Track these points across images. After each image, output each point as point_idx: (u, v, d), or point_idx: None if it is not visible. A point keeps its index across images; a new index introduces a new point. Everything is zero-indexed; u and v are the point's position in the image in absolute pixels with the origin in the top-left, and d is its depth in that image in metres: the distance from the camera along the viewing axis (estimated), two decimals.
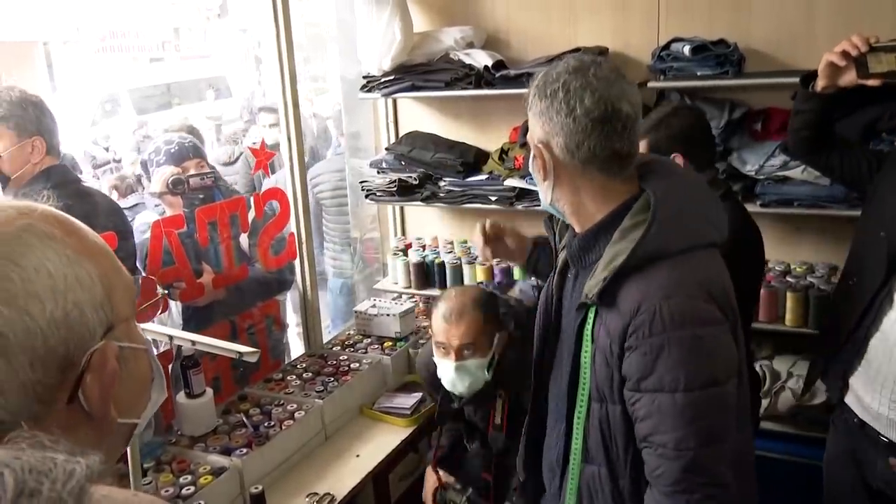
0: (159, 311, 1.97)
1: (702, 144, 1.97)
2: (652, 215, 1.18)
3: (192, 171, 2.34)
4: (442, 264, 2.94)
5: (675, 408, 1.16)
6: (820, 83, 1.76)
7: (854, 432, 1.82)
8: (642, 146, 1.98)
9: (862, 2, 2.32)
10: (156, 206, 2.41)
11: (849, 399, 1.84)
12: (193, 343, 1.35)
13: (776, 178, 2.37)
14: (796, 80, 1.88)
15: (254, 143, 2.48)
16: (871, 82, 1.67)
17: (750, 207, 2.34)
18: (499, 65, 2.66)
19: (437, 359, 1.86)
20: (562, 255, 1.41)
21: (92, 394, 0.62)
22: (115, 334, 0.65)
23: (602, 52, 2.59)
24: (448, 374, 1.83)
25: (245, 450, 2.00)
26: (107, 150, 8.50)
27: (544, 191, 1.29)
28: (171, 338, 1.31)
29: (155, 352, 0.74)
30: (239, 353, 1.29)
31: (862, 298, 1.75)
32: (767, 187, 2.37)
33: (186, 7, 11.61)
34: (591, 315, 1.26)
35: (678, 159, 1.90)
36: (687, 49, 2.35)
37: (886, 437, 1.72)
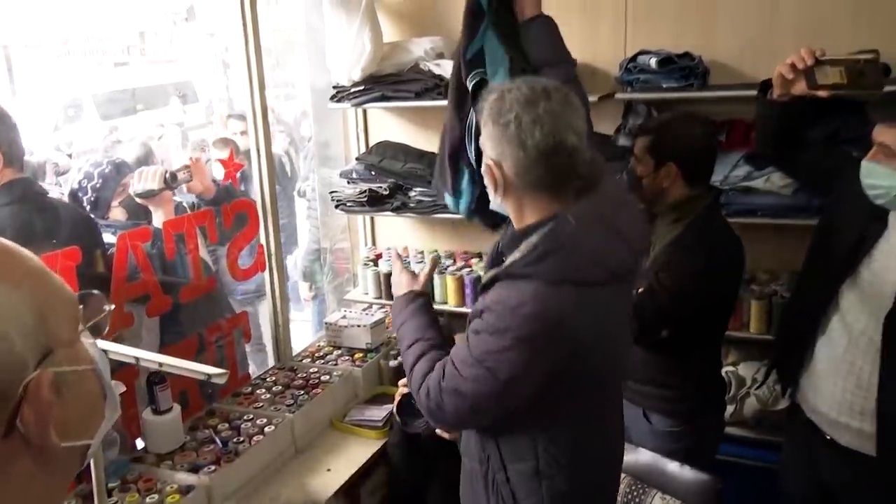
0: (121, 327, 1.94)
1: (701, 159, 2.00)
2: (539, 242, 1.30)
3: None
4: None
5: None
6: (775, 91, 1.84)
7: (804, 431, 1.89)
8: (640, 145, 2.03)
9: (821, 18, 2.37)
10: (107, 226, 2.35)
11: (798, 399, 1.91)
12: (161, 365, 1.32)
13: (740, 188, 2.42)
14: (755, 92, 1.94)
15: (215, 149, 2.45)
16: (820, 93, 1.74)
17: None
18: None
19: None
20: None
21: (29, 424, 0.59)
22: (55, 359, 0.63)
23: (572, 62, 2.60)
24: None
25: (213, 466, 1.97)
26: (70, 156, 8.33)
27: (493, 195, 1.41)
28: (137, 360, 1.29)
29: (106, 369, 0.72)
30: (207, 374, 1.27)
31: (815, 303, 1.83)
32: (732, 197, 2.41)
33: (152, 11, 11.44)
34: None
35: (671, 169, 1.94)
36: (653, 61, 2.38)
37: (830, 436, 1.79)
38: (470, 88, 1.74)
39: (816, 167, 1.99)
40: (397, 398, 1.80)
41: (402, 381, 1.80)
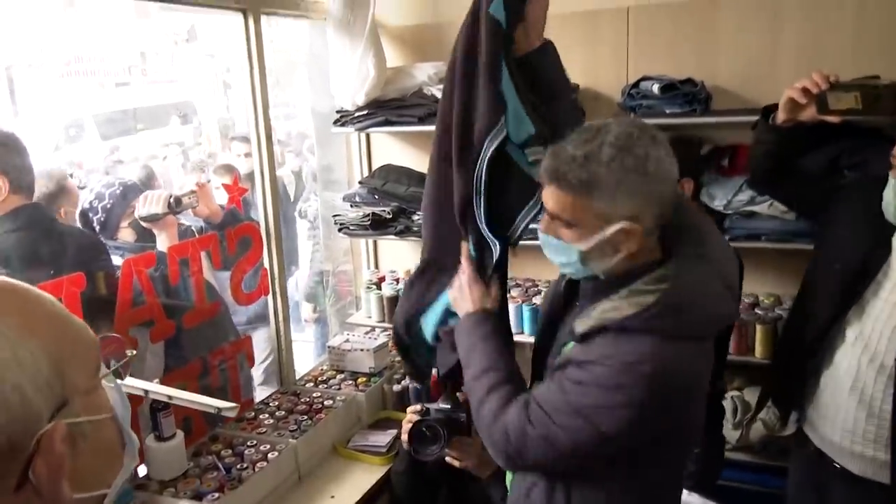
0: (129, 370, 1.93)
1: (695, 174, 2.03)
2: (658, 300, 1.20)
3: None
4: None
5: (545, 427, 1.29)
6: (780, 116, 1.81)
7: (813, 460, 1.87)
8: None
9: (823, 43, 2.39)
10: (116, 248, 2.36)
11: (806, 428, 1.90)
12: (170, 398, 1.32)
13: (744, 212, 2.42)
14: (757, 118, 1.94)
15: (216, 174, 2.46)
16: (830, 119, 1.72)
17: None
18: None
19: None
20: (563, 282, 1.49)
21: (41, 478, 0.58)
22: (72, 409, 0.62)
23: (574, 88, 2.62)
24: None
25: (217, 494, 1.95)
26: (71, 175, 8.34)
27: (600, 262, 1.27)
28: (146, 392, 1.28)
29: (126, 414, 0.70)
30: (217, 408, 1.26)
31: (815, 331, 1.81)
32: (736, 222, 2.42)
33: (154, 31, 11.53)
34: (567, 348, 1.33)
35: (687, 185, 1.95)
36: (656, 87, 2.40)
37: (840, 465, 1.77)
38: (530, 160, 1.51)
39: (811, 195, 1.98)
40: (406, 425, 1.77)
41: (411, 409, 1.79)
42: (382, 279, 3.11)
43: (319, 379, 2.69)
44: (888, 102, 1.68)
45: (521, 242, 1.60)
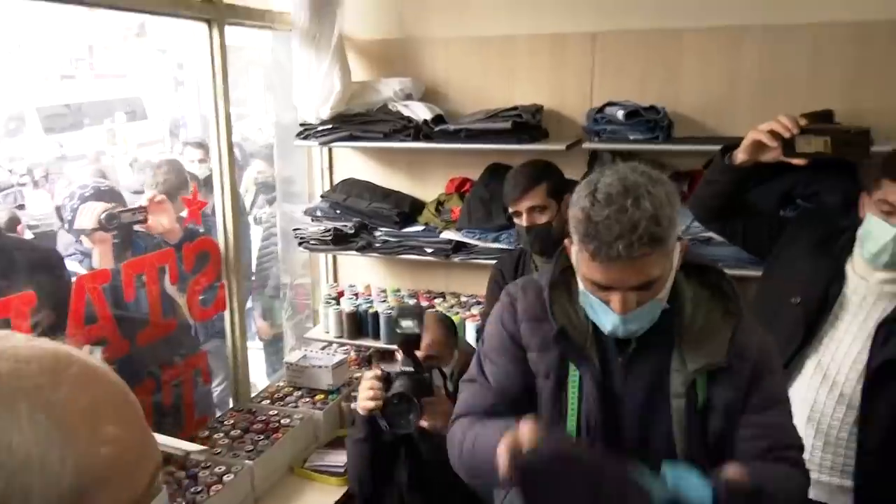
0: None
1: None
2: (721, 279, 1.36)
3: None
4: (375, 314, 2.91)
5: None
6: (741, 157, 1.82)
7: None
8: (539, 192, 2.13)
9: (780, 76, 2.46)
10: (72, 254, 2.27)
11: None
12: None
13: (701, 238, 2.47)
14: (719, 147, 1.95)
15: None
16: (797, 161, 1.74)
17: None
18: (437, 118, 2.67)
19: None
20: (588, 339, 1.36)
21: None
22: None
23: (538, 109, 2.65)
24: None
25: None
26: (10, 171, 8.03)
27: (667, 289, 1.29)
28: None
29: None
30: (186, 451, 1.22)
31: None
32: (693, 247, 2.46)
33: (103, 24, 11.18)
34: (700, 385, 1.32)
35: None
36: (620, 113, 2.43)
37: None
38: None
39: (757, 231, 2.00)
40: (368, 392, 1.77)
41: (370, 374, 1.79)
42: (342, 294, 3.07)
43: (276, 396, 2.64)
44: (857, 148, 1.72)
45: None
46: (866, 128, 1.75)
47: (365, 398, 1.80)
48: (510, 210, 2.21)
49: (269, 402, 2.60)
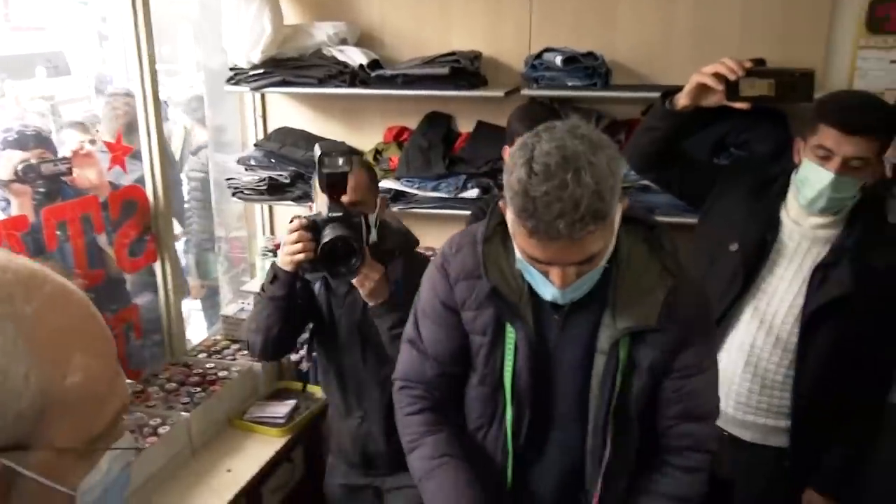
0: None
1: None
2: (660, 233, 1.35)
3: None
4: None
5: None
6: (683, 101, 1.79)
7: None
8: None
9: (713, 24, 2.49)
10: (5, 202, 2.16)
11: None
12: None
13: (638, 186, 2.50)
14: (657, 94, 1.95)
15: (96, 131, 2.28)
16: (740, 105, 1.71)
17: None
18: (374, 64, 2.61)
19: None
20: (522, 296, 1.34)
21: None
22: (26, 458, 0.53)
23: (476, 56, 2.62)
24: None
25: None
26: None
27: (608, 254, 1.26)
28: None
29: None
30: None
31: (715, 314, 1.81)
32: (633, 195, 2.49)
33: None
34: (623, 345, 1.31)
35: None
36: (558, 59, 2.42)
37: (729, 433, 1.88)
38: None
39: (693, 179, 1.98)
40: (296, 246, 1.66)
41: (297, 224, 1.68)
42: (278, 246, 3.00)
43: (213, 349, 2.59)
44: (802, 91, 1.69)
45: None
46: (811, 69, 1.72)
47: (293, 251, 1.68)
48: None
49: (205, 355, 2.55)
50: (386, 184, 2.68)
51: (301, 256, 1.68)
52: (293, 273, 1.73)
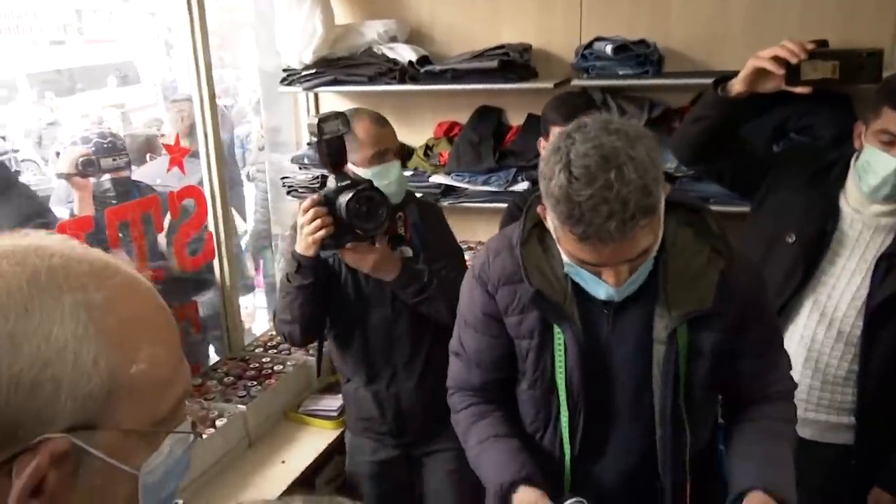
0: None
1: None
2: (705, 216, 1.31)
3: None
4: None
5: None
6: (738, 87, 1.69)
7: None
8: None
9: (769, 6, 2.40)
10: (69, 202, 2.26)
11: None
12: None
13: (693, 175, 2.43)
14: (711, 80, 1.89)
15: (162, 135, 2.37)
16: (800, 90, 1.61)
17: None
18: (423, 60, 2.62)
19: (371, 169, 1.79)
20: (567, 296, 1.30)
21: (17, 482, 0.53)
22: (94, 438, 0.55)
23: (526, 48, 2.60)
24: (392, 171, 1.82)
25: None
26: (3, 139, 7.98)
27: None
28: None
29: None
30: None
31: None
32: (685, 185, 2.44)
33: None
34: (681, 333, 1.28)
35: None
36: (609, 48, 2.38)
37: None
38: None
39: (741, 171, 1.89)
40: (315, 224, 1.63)
41: (310, 201, 1.66)
42: None
43: (269, 344, 2.64)
44: (869, 72, 1.59)
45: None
46: (879, 48, 1.61)
47: (313, 230, 1.64)
48: (558, 130, 2.05)
49: (262, 349, 2.61)
50: (436, 178, 2.69)
51: (322, 233, 1.65)
52: (315, 257, 1.72)
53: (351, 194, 1.61)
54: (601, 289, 1.22)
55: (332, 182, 1.68)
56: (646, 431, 1.35)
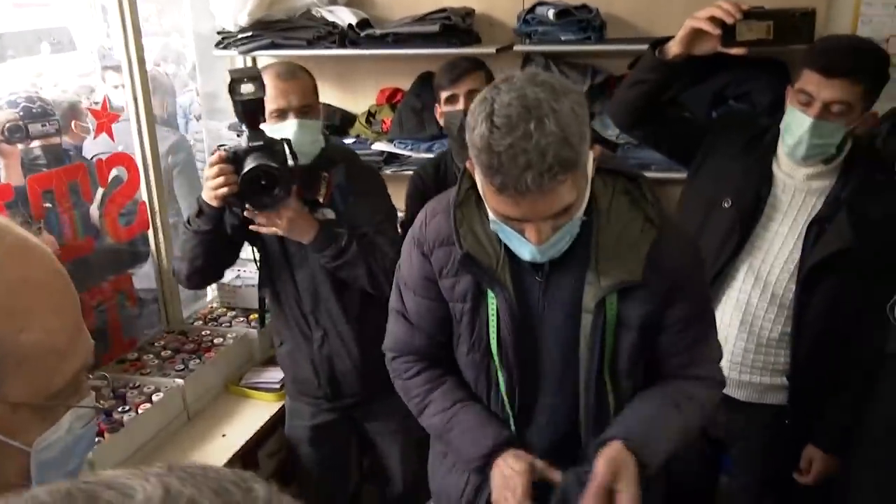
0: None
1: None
2: (641, 184, 1.29)
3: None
4: None
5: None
6: (675, 49, 1.69)
7: None
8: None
9: None
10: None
11: None
12: None
13: (634, 143, 2.44)
14: None
15: (95, 104, 2.25)
16: (736, 51, 1.61)
17: None
18: (363, 23, 2.56)
19: (272, 125, 1.74)
20: (499, 261, 1.28)
21: None
22: None
23: (468, 12, 2.55)
24: (289, 129, 1.74)
25: (97, 439, 1.85)
26: None
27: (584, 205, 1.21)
28: None
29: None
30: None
31: (711, 272, 1.77)
32: (627, 151, 2.44)
33: None
34: (610, 303, 1.26)
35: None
36: (551, 13, 2.35)
37: (724, 393, 1.83)
38: None
39: (678, 137, 1.91)
40: (218, 180, 1.61)
41: (216, 157, 1.64)
42: None
43: (209, 317, 2.59)
44: (803, 32, 1.60)
45: None
46: (812, 8, 1.61)
47: (215, 185, 1.63)
48: (445, 95, 2.05)
49: (201, 322, 2.55)
50: (379, 146, 2.64)
51: (224, 191, 1.63)
52: (218, 208, 1.70)
53: (251, 166, 1.58)
54: (525, 248, 1.20)
55: (244, 140, 1.64)
56: (573, 400, 1.34)
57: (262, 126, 1.66)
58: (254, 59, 2.87)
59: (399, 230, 1.97)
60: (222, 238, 1.79)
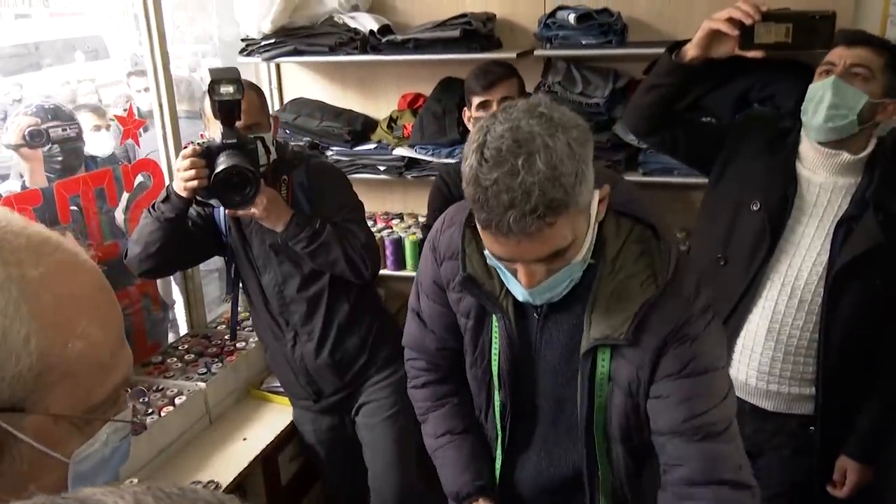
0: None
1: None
2: (658, 229, 1.18)
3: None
4: None
5: (711, 385, 1.18)
6: (692, 52, 1.66)
7: None
8: None
9: None
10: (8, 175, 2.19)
11: None
12: None
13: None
14: None
15: (123, 111, 2.30)
16: (754, 54, 1.59)
17: (633, 177, 2.39)
18: (385, 29, 2.57)
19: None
20: (503, 287, 1.21)
21: None
22: (21, 422, 0.52)
23: (489, 17, 2.55)
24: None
25: None
26: None
27: (585, 250, 1.11)
28: None
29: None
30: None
31: (741, 278, 1.73)
32: (649, 156, 2.42)
33: None
34: (602, 357, 1.19)
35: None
36: (572, 17, 2.34)
37: (751, 403, 1.80)
38: None
39: (696, 143, 1.86)
40: (189, 172, 1.65)
41: (188, 151, 1.67)
42: None
43: None
44: (822, 35, 1.57)
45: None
46: (831, 11, 1.58)
47: (187, 178, 1.66)
48: (478, 100, 2.02)
49: (224, 326, 2.57)
50: (400, 151, 2.65)
51: (195, 184, 1.66)
52: (185, 199, 1.73)
53: (226, 165, 1.62)
54: (518, 289, 1.12)
55: (219, 136, 1.67)
56: (567, 441, 1.30)
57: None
58: (277, 66, 2.91)
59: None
60: (183, 230, 1.83)
